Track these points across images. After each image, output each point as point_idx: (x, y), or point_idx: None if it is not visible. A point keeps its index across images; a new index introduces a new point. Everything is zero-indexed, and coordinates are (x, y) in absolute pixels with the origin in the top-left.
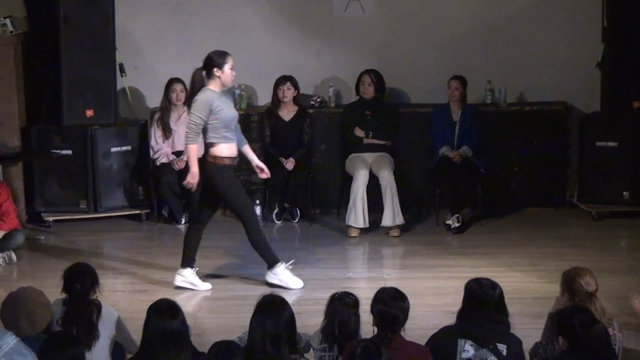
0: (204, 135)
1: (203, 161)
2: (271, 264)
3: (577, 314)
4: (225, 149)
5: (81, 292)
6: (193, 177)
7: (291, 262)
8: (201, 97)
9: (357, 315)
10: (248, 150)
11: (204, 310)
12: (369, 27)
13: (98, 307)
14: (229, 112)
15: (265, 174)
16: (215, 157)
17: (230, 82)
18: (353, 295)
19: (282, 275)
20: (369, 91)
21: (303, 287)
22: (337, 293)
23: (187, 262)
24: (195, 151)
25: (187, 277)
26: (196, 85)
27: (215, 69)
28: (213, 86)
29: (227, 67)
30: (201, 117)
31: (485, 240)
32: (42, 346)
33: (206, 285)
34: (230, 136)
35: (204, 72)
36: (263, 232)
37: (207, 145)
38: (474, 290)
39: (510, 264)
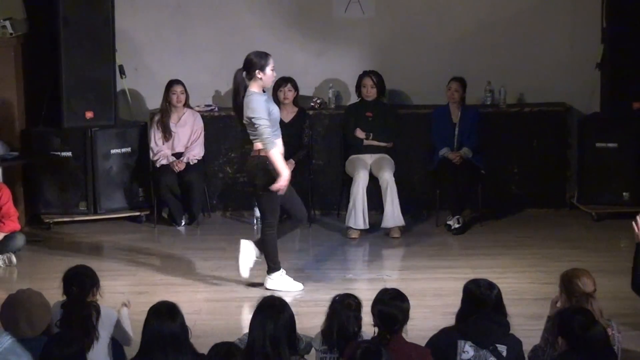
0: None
1: (249, 158)
2: (271, 269)
3: (577, 315)
4: None
5: (79, 295)
6: (284, 180)
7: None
8: (254, 102)
9: (358, 318)
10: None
11: (203, 312)
12: (369, 28)
13: (97, 309)
14: (275, 111)
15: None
16: (260, 150)
17: (271, 83)
18: (355, 297)
19: (280, 280)
20: (371, 93)
21: (303, 289)
22: (338, 295)
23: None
24: (278, 154)
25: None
26: (240, 86)
27: (257, 71)
28: (255, 87)
29: (268, 69)
30: (266, 118)
31: (486, 241)
32: (44, 346)
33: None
34: (277, 133)
35: (244, 73)
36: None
37: (255, 142)
38: (472, 291)
39: (511, 265)
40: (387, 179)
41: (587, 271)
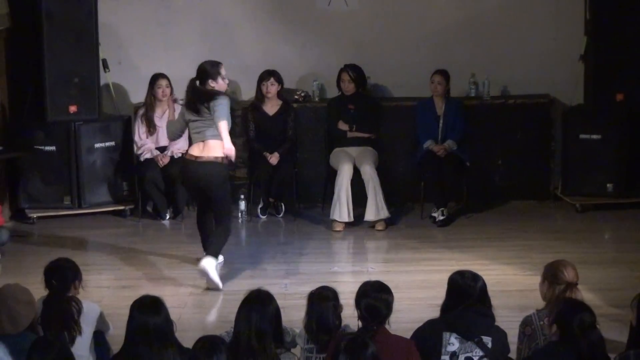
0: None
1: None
2: (215, 254)
3: (580, 314)
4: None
5: (59, 289)
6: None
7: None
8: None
9: (337, 307)
10: None
11: (189, 305)
12: (353, 21)
13: (77, 303)
14: None
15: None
16: (219, 156)
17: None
18: (330, 288)
19: (212, 268)
20: (349, 88)
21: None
22: (314, 289)
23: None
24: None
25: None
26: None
27: (210, 80)
28: None
29: (220, 78)
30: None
31: (470, 233)
32: (27, 354)
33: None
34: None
35: (197, 82)
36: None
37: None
38: (457, 282)
39: (495, 257)
40: (369, 171)
41: (572, 264)
